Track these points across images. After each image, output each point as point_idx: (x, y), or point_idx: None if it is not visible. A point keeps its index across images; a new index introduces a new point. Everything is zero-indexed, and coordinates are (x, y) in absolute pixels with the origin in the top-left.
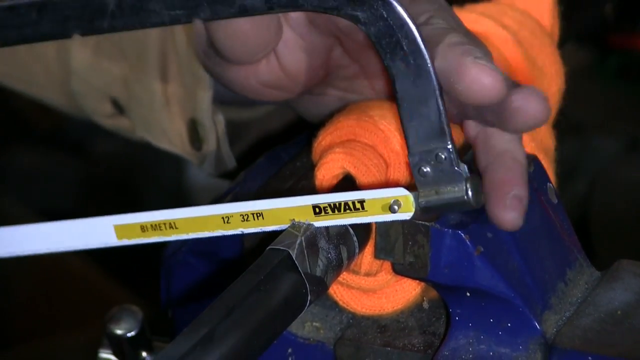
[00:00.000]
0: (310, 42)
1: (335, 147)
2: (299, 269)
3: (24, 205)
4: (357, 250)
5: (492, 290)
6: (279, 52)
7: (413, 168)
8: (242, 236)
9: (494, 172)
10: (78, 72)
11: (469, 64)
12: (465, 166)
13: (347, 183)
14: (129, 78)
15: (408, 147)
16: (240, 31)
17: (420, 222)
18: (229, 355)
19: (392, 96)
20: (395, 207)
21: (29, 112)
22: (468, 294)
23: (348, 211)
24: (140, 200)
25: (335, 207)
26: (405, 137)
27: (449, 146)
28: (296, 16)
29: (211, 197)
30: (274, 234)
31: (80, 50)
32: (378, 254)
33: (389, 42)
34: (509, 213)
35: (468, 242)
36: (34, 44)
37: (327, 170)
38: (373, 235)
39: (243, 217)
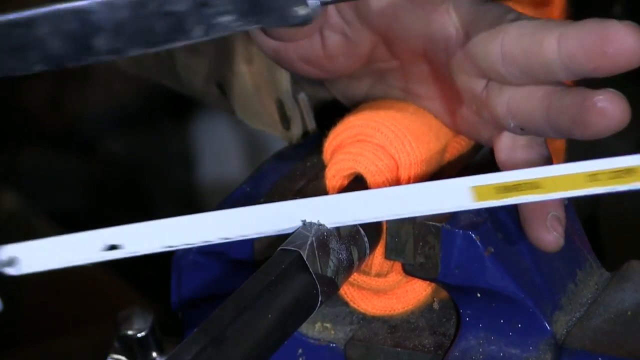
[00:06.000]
0: (357, 33)
1: (346, 147)
2: (310, 269)
3: (32, 205)
4: (368, 251)
5: (502, 291)
6: (324, 33)
7: None
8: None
9: None
10: (180, 57)
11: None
12: None
13: (357, 183)
14: (220, 63)
15: None
16: None
17: (431, 222)
18: (240, 356)
19: (417, 95)
20: None
21: (39, 113)
22: (478, 295)
23: None
24: (149, 201)
25: None
26: None
27: None
28: (347, 7)
29: (222, 197)
30: (284, 236)
31: None
32: (389, 255)
33: None
34: (550, 234)
35: (478, 243)
36: None
37: (338, 171)
38: (384, 236)
39: (612, 174)
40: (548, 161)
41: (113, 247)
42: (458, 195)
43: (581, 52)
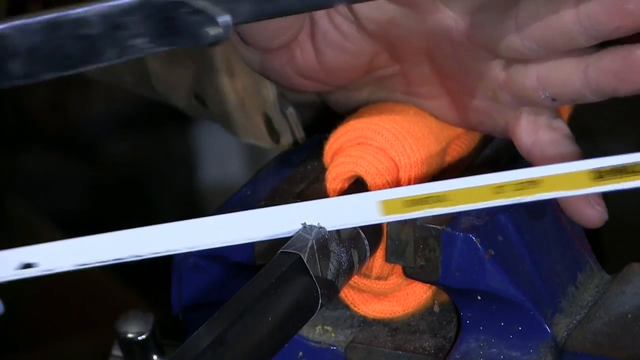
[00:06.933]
0: (356, 44)
1: (347, 150)
2: (310, 272)
3: (32, 208)
4: (368, 254)
5: (502, 294)
6: (318, 47)
7: None
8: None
9: None
10: (155, 74)
11: None
12: None
13: (358, 186)
14: (201, 78)
15: None
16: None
17: (431, 225)
18: (240, 359)
19: (421, 96)
20: None
21: (39, 115)
22: (479, 298)
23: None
24: (151, 204)
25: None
26: None
27: None
28: (342, 19)
29: (223, 200)
30: (283, 240)
31: (151, 59)
32: (389, 258)
33: None
34: (594, 209)
35: (479, 246)
36: None
37: (338, 174)
38: (384, 238)
39: (518, 186)
40: (571, 140)
41: (28, 266)
42: (366, 209)
43: (602, 12)
